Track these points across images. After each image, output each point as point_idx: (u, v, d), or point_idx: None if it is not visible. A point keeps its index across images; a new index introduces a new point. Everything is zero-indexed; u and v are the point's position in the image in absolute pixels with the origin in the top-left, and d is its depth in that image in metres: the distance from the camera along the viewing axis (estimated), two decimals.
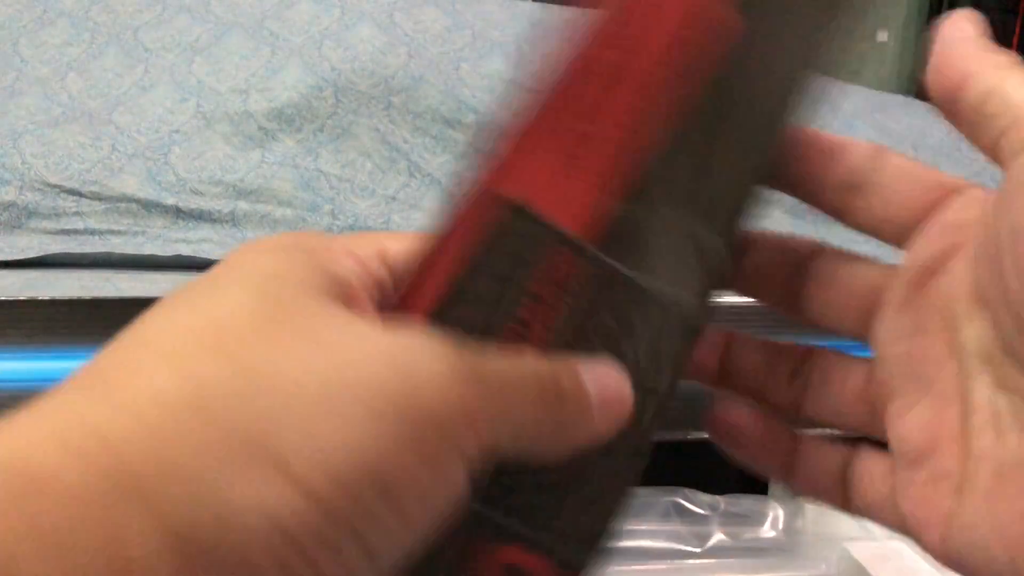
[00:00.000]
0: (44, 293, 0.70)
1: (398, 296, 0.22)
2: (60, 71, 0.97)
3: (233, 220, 0.89)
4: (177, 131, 0.93)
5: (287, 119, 0.95)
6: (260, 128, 0.95)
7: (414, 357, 0.18)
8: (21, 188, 0.87)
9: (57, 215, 0.87)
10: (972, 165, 1.04)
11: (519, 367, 0.20)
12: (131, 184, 0.89)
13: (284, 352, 0.17)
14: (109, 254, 0.83)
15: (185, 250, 0.84)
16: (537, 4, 1.15)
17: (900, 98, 1.22)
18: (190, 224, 0.89)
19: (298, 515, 0.16)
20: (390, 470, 0.17)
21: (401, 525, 0.17)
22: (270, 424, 0.16)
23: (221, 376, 0.17)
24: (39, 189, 0.87)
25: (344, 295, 0.20)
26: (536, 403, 0.20)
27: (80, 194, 0.88)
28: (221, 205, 0.89)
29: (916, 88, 2.47)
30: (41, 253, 0.82)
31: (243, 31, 1.02)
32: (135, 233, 0.87)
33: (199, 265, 0.82)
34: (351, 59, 0.99)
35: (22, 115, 0.93)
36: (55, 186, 0.88)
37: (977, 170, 1.04)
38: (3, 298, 0.63)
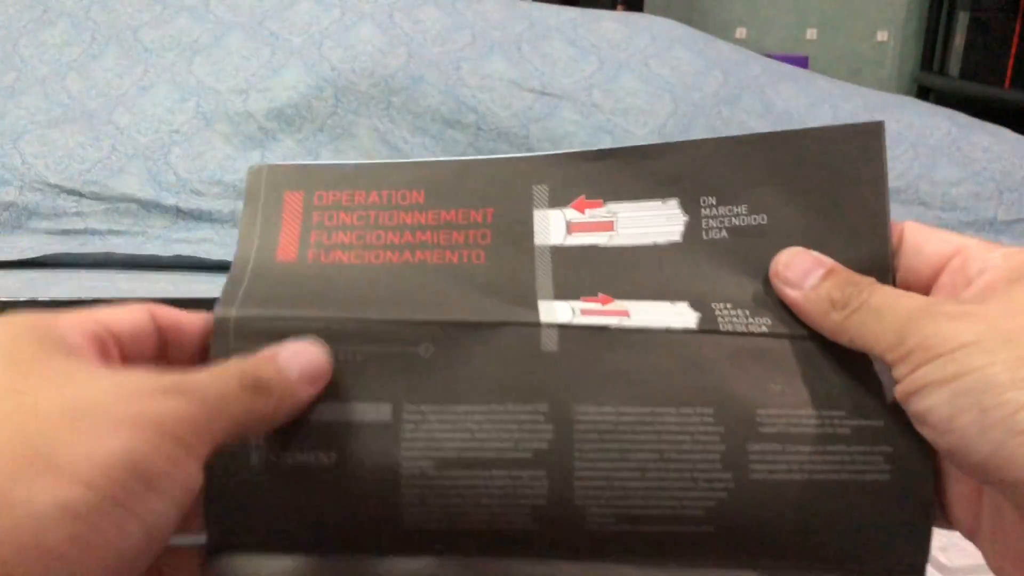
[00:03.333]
0: (44, 293, 0.70)
1: None
2: (60, 71, 0.97)
3: (233, 220, 0.89)
4: (177, 131, 0.93)
5: (287, 119, 0.95)
6: (260, 128, 0.95)
7: (133, 380, 0.24)
8: (21, 188, 0.87)
9: (57, 215, 0.87)
10: (971, 165, 1.04)
11: (221, 373, 0.26)
12: (131, 184, 0.89)
13: (36, 387, 0.23)
14: (109, 254, 0.83)
15: (185, 250, 0.84)
16: (537, 4, 1.15)
17: (900, 98, 1.21)
18: (190, 224, 0.89)
19: (81, 498, 0.21)
20: (141, 461, 0.22)
21: (158, 502, 0.23)
22: (41, 440, 0.22)
23: None
24: (39, 189, 0.87)
25: (66, 347, 0.25)
26: (242, 396, 0.26)
27: (80, 194, 0.88)
28: (221, 205, 0.89)
29: (916, 88, 2.47)
30: (41, 253, 0.82)
31: (243, 31, 1.02)
32: (135, 233, 0.87)
33: (199, 265, 0.82)
34: (351, 59, 0.99)
35: (22, 115, 0.93)
36: (55, 186, 0.88)
37: (976, 170, 1.04)
38: (3, 298, 0.63)
